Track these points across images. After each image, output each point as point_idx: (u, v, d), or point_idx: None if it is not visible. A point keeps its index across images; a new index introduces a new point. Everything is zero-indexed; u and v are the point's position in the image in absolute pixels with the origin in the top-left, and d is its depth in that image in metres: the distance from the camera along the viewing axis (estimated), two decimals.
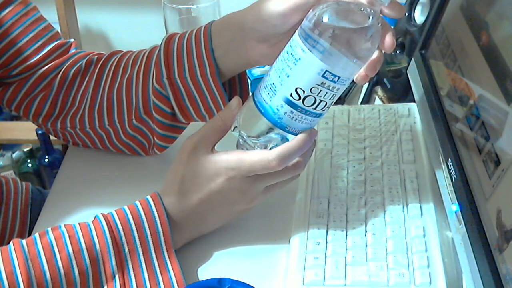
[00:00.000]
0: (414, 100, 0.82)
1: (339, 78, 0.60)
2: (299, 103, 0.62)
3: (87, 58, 0.83)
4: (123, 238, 0.64)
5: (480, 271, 0.56)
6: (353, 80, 0.63)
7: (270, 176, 0.65)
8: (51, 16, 1.12)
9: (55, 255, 0.62)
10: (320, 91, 0.61)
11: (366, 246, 0.66)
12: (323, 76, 0.60)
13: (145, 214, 0.65)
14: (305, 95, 0.61)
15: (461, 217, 0.61)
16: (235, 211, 0.69)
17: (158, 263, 0.65)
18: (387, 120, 0.84)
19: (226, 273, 0.62)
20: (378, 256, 0.64)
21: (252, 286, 0.60)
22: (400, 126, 0.82)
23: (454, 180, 0.64)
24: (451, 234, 0.66)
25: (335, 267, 0.64)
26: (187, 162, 0.66)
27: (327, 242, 0.67)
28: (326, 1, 0.61)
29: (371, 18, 0.60)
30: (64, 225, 0.65)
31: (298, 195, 0.74)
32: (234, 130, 0.66)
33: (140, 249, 0.65)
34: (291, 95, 0.61)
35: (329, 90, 0.61)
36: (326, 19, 0.59)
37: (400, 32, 0.93)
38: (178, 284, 0.64)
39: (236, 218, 0.71)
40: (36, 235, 0.64)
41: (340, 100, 0.96)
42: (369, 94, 0.98)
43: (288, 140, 0.64)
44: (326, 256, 0.65)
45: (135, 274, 0.64)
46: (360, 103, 0.99)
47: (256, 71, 0.98)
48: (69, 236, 0.63)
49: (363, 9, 0.60)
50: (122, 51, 0.84)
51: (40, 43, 0.82)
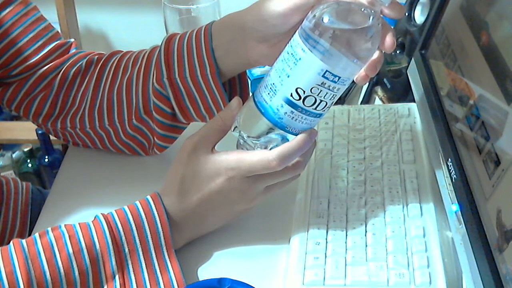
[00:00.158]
0: (414, 100, 0.82)
1: (340, 78, 0.60)
2: (299, 103, 0.62)
3: (87, 58, 0.83)
4: (123, 238, 0.64)
5: (480, 271, 0.56)
6: (353, 80, 0.63)
7: (270, 176, 0.65)
8: (51, 16, 1.11)
9: (55, 255, 0.62)
10: (321, 91, 0.61)
11: (366, 246, 0.66)
12: (323, 76, 0.60)
13: (145, 214, 0.65)
14: (305, 95, 0.61)
15: (461, 217, 0.61)
16: (235, 211, 0.69)
17: (158, 263, 0.65)
18: (387, 120, 0.84)
19: (226, 273, 0.62)
20: (378, 256, 0.64)
21: (252, 286, 0.60)
22: (400, 126, 0.82)
23: (454, 180, 0.64)
24: (451, 234, 0.66)
25: (335, 267, 0.64)
26: (187, 162, 0.66)
27: (327, 242, 0.67)
28: (326, 1, 0.61)
29: (371, 18, 0.60)
30: (64, 225, 0.65)
31: (298, 195, 0.74)
32: (234, 130, 0.66)
33: (140, 249, 0.65)
34: (291, 95, 0.61)
35: (329, 90, 0.61)
36: (326, 19, 0.59)
37: (400, 32, 0.93)
38: (178, 284, 0.64)
39: (236, 218, 0.71)
40: (36, 235, 0.64)
41: (340, 100, 0.96)
42: (369, 94, 0.98)
43: (288, 140, 0.64)
44: (326, 256, 0.65)
45: (135, 274, 0.64)
46: (360, 103, 0.99)
47: (256, 71, 0.98)
48: (69, 236, 0.63)
49: (363, 9, 0.60)
50: (122, 51, 0.84)
51: (40, 43, 0.82)
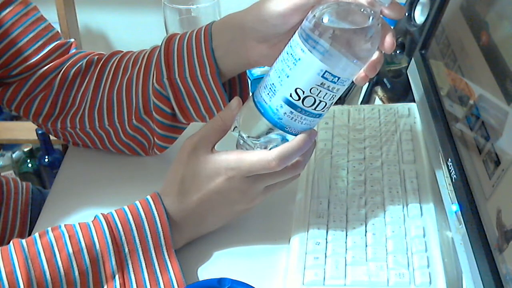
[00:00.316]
0: (414, 100, 0.82)
1: (339, 78, 0.60)
2: (299, 103, 0.62)
3: (88, 58, 0.83)
4: (123, 238, 0.64)
5: (480, 271, 0.56)
6: (352, 81, 0.63)
7: (270, 176, 0.65)
8: (51, 16, 1.11)
9: (55, 255, 0.62)
10: (320, 91, 0.61)
11: (366, 246, 0.66)
12: (322, 76, 0.60)
13: (145, 214, 0.65)
14: (304, 95, 0.61)
15: (461, 217, 0.61)
16: (235, 211, 0.69)
17: (158, 263, 0.65)
18: (387, 120, 0.84)
19: (226, 273, 0.62)
20: (378, 256, 0.64)
21: (252, 286, 0.60)
22: (400, 126, 0.82)
23: (454, 180, 0.64)
24: (451, 234, 0.66)
25: (335, 267, 0.64)
26: (187, 162, 0.66)
27: (327, 242, 0.67)
28: (326, 1, 0.61)
29: (371, 18, 0.60)
30: (64, 225, 0.65)
31: (298, 195, 0.74)
32: (234, 130, 0.66)
33: (140, 249, 0.65)
34: (290, 96, 0.61)
35: (328, 90, 0.61)
36: (326, 19, 0.59)
37: (400, 32, 0.93)
38: (178, 284, 0.64)
39: (236, 218, 0.71)
40: (36, 235, 0.64)
41: (340, 100, 0.96)
42: (369, 94, 0.98)
43: (287, 140, 0.64)
44: (326, 256, 0.65)
45: (135, 274, 0.64)
46: (360, 103, 0.99)
47: (256, 71, 0.98)
48: (69, 236, 0.63)
49: (363, 9, 0.60)
50: (123, 51, 0.84)
51: (40, 43, 0.82)
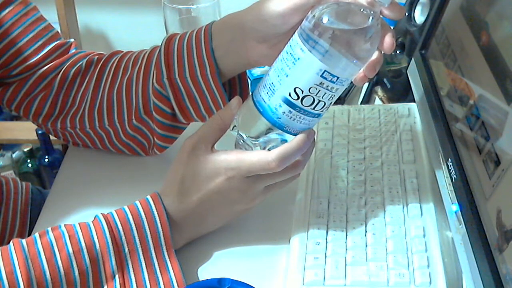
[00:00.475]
0: (414, 100, 0.82)
1: (338, 78, 0.60)
2: (298, 102, 0.62)
3: (87, 58, 0.83)
4: (123, 238, 0.64)
5: (480, 271, 0.56)
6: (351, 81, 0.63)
7: (270, 176, 0.65)
8: (51, 16, 1.12)
9: (55, 255, 0.62)
10: (319, 91, 0.61)
11: (366, 246, 0.66)
12: (322, 76, 0.60)
13: (145, 214, 0.65)
14: (303, 95, 0.61)
15: (461, 217, 0.61)
16: (235, 211, 0.69)
17: (158, 263, 0.65)
18: (387, 120, 0.84)
19: (226, 273, 0.62)
20: (378, 256, 0.64)
21: (252, 286, 0.60)
22: (400, 126, 0.82)
23: (454, 180, 0.64)
24: (451, 234, 0.66)
25: (335, 267, 0.64)
26: (187, 162, 0.66)
27: (327, 242, 0.67)
28: (326, 1, 0.61)
29: (370, 19, 0.60)
30: (64, 225, 0.65)
31: (298, 195, 0.74)
32: (233, 129, 0.66)
33: (140, 249, 0.65)
34: (289, 95, 0.61)
35: (327, 90, 0.61)
36: (325, 19, 0.59)
37: (400, 32, 0.93)
38: (178, 284, 0.64)
39: (236, 218, 0.71)
40: (36, 235, 0.64)
41: (340, 100, 0.96)
42: (369, 94, 0.98)
43: (287, 141, 0.64)
44: (326, 256, 0.65)
45: (135, 274, 0.64)
46: (360, 103, 0.99)
47: (256, 71, 0.98)
48: (69, 236, 0.63)
49: (363, 10, 0.60)
50: (123, 51, 0.84)
51: (40, 43, 0.82)
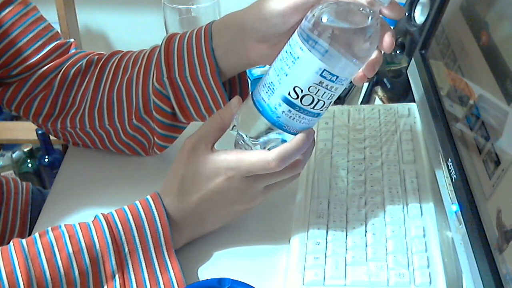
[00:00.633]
0: (414, 100, 0.82)
1: (338, 77, 0.60)
2: (297, 102, 0.62)
3: (87, 58, 0.83)
4: (123, 238, 0.64)
5: (480, 271, 0.56)
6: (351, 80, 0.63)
7: (270, 176, 0.65)
8: (51, 16, 1.12)
9: (55, 255, 0.62)
10: (318, 90, 0.61)
11: (366, 246, 0.66)
12: (321, 75, 0.60)
13: (145, 214, 0.65)
14: (303, 94, 0.61)
15: (461, 217, 0.61)
16: (235, 211, 0.69)
17: (158, 263, 0.65)
18: (387, 120, 0.84)
19: (226, 273, 0.62)
20: (378, 256, 0.64)
21: (252, 286, 0.59)
22: (400, 126, 0.82)
23: (454, 180, 0.64)
24: (451, 234, 0.66)
25: (335, 267, 0.64)
26: (187, 162, 0.66)
27: (327, 242, 0.67)
28: (325, 1, 0.61)
29: (370, 18, 0.60)
30: (64, 225, 0.65)
31: (298, 195, 0.74)
32: (232, 129, 0.66)
33: (140, 249, 0.65)
34: (289, 94, 0.61)
35: (327, 89, 0.61)
36: (325, 19, 0.59)
37: (400, 32, 0.93)
38: (178, 284, 0.64)
39: (236, 218, 0.71)
40: (36, 234, 0.64)
41: (340, 100, 0.96)
42: (369, 94, 0.98)
43: (286, 141, 0.64)
44: (326, 256, 0.65)
45: (135, 274, 0.64)
46: (360, 103, 0.99)
47: (256, 71, 0.98)
48: (69, 236, 0.63)
49: (362, 9, 0.60)
50: (123, 51, 0.84)
51: (40, 43, 0.82)
